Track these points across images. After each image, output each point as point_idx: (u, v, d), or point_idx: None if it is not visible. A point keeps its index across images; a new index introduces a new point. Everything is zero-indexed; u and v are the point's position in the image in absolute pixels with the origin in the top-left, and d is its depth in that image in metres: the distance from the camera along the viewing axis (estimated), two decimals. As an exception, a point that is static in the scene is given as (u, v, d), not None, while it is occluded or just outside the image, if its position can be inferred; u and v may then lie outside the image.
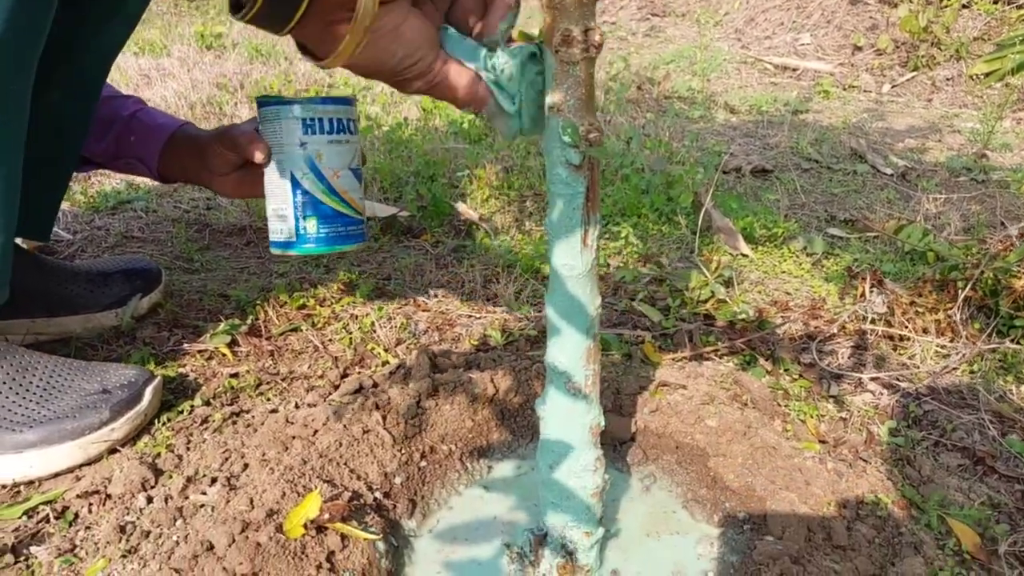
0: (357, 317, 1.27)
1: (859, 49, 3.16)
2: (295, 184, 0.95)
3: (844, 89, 2.90)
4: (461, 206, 1.72)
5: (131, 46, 3.06)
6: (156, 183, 1.82)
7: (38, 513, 0.85)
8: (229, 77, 2.55)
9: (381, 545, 0.81)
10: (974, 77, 2.86)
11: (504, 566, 0.84)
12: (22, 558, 0.79)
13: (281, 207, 0.97)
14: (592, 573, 0.82)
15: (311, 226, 0.96)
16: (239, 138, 1.01)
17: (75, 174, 1.42)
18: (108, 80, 1.11)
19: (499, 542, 0.86)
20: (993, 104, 2.65)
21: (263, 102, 0.95)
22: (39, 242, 1.31)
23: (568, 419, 0.77)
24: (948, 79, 2.92)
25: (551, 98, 0.66)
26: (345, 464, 0.89)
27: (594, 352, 0.75)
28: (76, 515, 0.87)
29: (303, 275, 1.41)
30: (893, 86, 2.94)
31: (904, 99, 2.85)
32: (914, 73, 2.97)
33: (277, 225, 0.98)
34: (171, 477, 0.89)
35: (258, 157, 0.95)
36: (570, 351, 0.74)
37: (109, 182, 1.83)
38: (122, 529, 0.81)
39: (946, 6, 2.98)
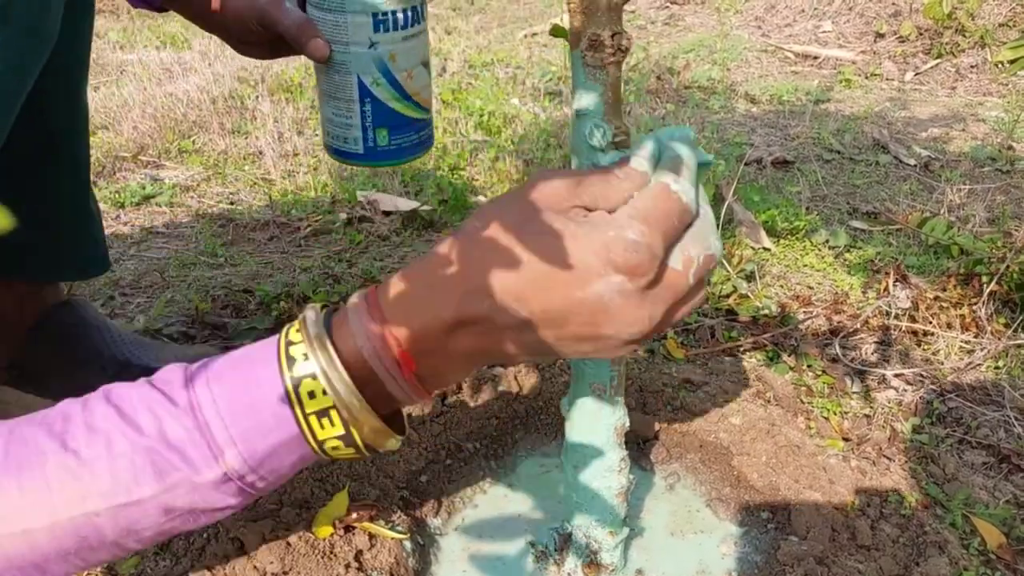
0: (380, 313, 1.28)
1: (881, 36, 3.12)
2: (363, 91, 0.81)
3: (866, 77, 2.87)
4: (482, 200, 1.73)
5: (153, 40, 3.08)
6: (179, 178, 1.84)
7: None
8: (250, 71, 2.56)
9: (408, 544, 0.82)
10: (999, 65, 2.82)
11: (529, 564, 0.85)
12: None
13: (344, 113, 0.83)
14: (616, 572, 0.82)
15: (382, 137, 0.84)
16: (290, 27, 0.81)
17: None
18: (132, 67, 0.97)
19: (524, 540, 0.87)
20: (1019, 92, 2.61)
21: None
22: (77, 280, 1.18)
23: (593, 420, 0.77)
24: (972, 67, 2.88)
25: (578, 102, 0.67)
26: (372, 462, 0.90)
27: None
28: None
29: (326, 270, 1.42)
30: (916, 74, 2.90)
31: (927, 87, 2.82)
32: (938, 61, 2.94)
33: (337, 131, 0.85)
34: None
35: (319, 55, 0.79)
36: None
37: (134, 177, 1.85)
38: (154, 527, 0.82)
39: (970, -8, 2.94)
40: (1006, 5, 2.99)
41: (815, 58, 3.07)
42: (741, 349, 1.22)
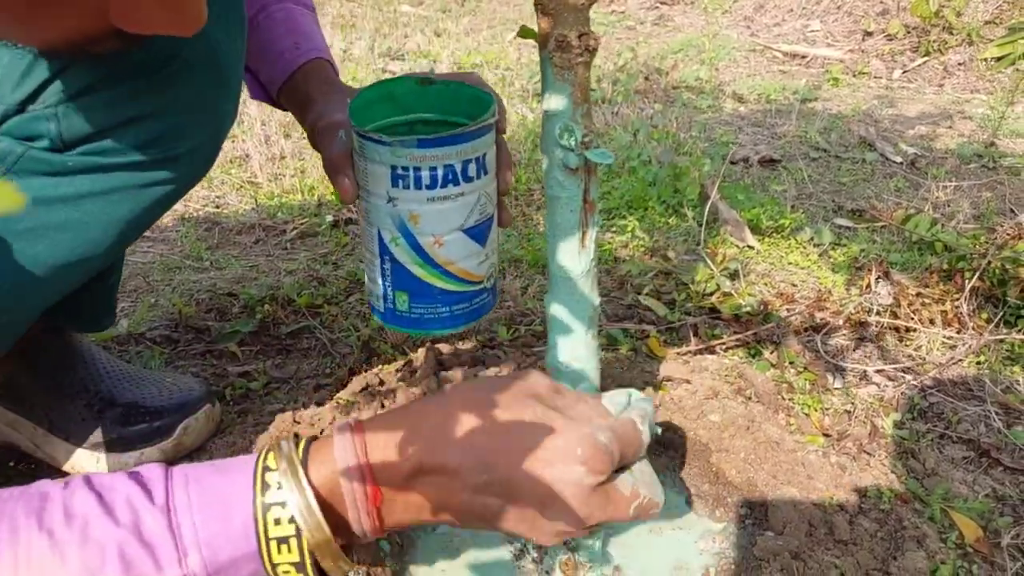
0: (365, 315, 1.28)
1: (869, 35, 3.13)
2: (383, 247, 0.73)
3: (854, 76, 2.88)
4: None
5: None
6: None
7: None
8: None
9: (386, 544, 0.82)
10: (986, 62, 2.83)
11: (508, 563, 0.85)
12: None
13: (369, 265, 0.76)
14: (595, 569, 0.83)
15: (401, 302, 0.75)
16: (325, 159, 0.79)
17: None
18: None
19: (503, 540, 0.87)
20: (1005, 89, 2.62)
21: (353, 111, 0.71)
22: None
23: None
24: (960, 64, 2.90)
25: (547, 103, 0.67)
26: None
27: (595, 350, 0.76)
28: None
29: (312, 273, 1.42)
30: (904, 72, 2.92)
31: (915, 85, 2.83)
32: (925, 58, 2.95)
33: (368, 284, 0.78)
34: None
35: (344, 197, 0.74)
36: (570, 351, 0.75)
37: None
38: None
39: (957, -11, 2.95)
40: (992, 3, 3.00)
41: (803, 57, 3.08)
42: (723, 347, 1.22)
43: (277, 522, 0.55)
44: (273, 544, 0.55)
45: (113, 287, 1.02)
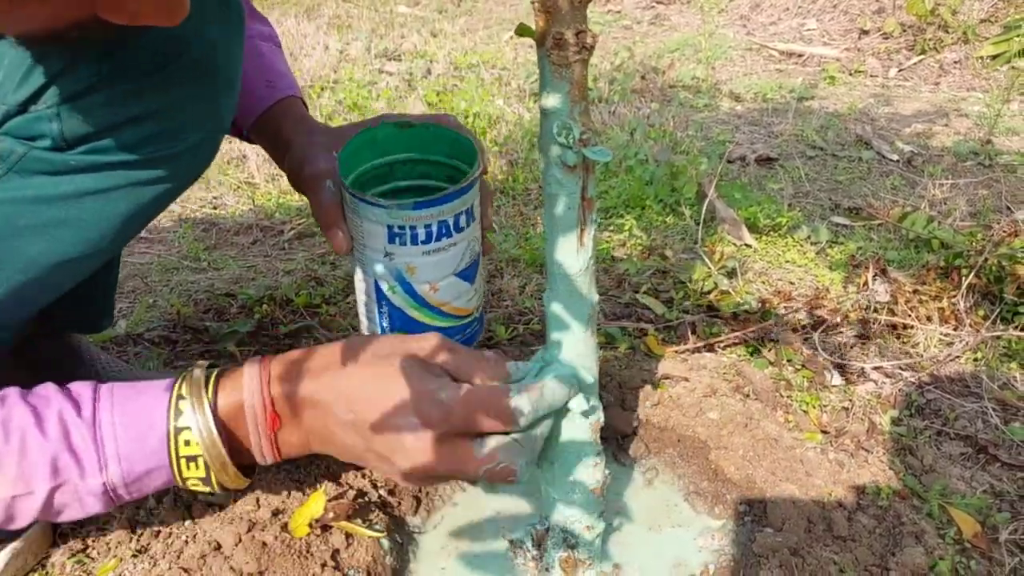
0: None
1: (865, 33, 3.13)
2: (379, 294, 0.79)
3: (850, 74, 2.88)
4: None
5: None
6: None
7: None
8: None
9: (386, 542, 0.82)
10: (981, 59, 2.84)
11: (507, 561, 0.85)
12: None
13: (366, 309, 0.81)
14: (594, 567, 0.83)
15: None
16: (316, 211, 0.83)
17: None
18: None
19: (503, 537, 0.87)
20: (1000, 87, 2.63)
21: (342, 165, 0.76)
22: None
23: (568, 415, 0.78)
24: (956, 62, 2.90)
25: (545, 101, 0.67)
26: (350, 462, 0.90)
27: (592, 348, 0.76)
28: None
29: (309, 273, 1.42)
30: (900, 70, 2.92)
31: (911, 83, 2.83)
32: (921, 57, 2.95)
33: (364, 321, 0.84)
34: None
35: (338, 249, 0.80)
36: (568, 349, 0.75)
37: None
38: (132, 529, 0.83)
39: (953, -12, 2.96)
40: (987, 1, 3.00)
41: (799, 56, 3.08)
42: (721, 344, 1.22)
43: (187, 443, 0.67)
44: (183, 462, 0.67)
45: (111, 288, 1.02)
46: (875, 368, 1.18)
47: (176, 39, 0.66)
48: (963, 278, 1.31)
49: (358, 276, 0.80)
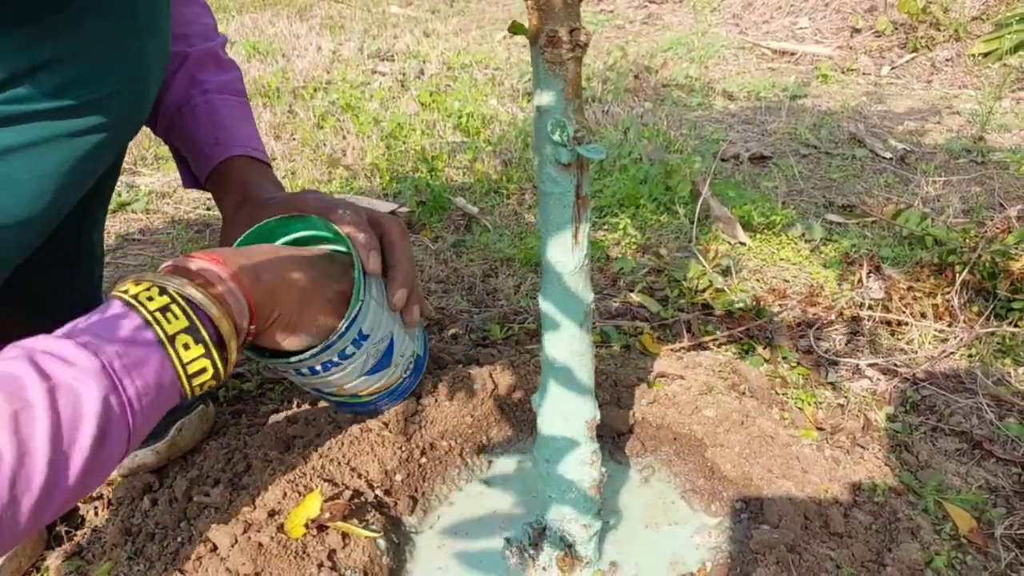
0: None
1: (857, 31, 3.14)
2: (313, 392, 0.88)
3: (843, 72, 2.89)
4: (460, 200, 1.73)
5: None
6: (155, 185, 1.83)
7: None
8: (227, 76, 2.56)
9: (382, 542, 0.82)
10: (973, 57, 2.85)
11: (505, 560, 0.85)
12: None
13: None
14: (591, 565, 0.83)
15: (347, 409, 0.96)
16: None
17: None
18: None
19: (499, 536, 0.87)
20: (992, 84, 2.64)
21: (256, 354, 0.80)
22: None
23: (564, 414, 0.78)
24: (948, 60, 2.91)
25: (540, 99, 0.67)
26: (347, 463, 0.90)
27: (588, 346, 0.76)
28: (82, 519, 0.89)
29: (303, 274, 1.42)
30: (892, 68, 2.92)
31: (903, 81, 2.84)
32: (913, 54, 2.96)
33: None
34: (175, 479, 0.91)
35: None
36: (564, 347, 0.75)
37: (109, 185, 1.84)
38: (128, 532, 0.82)
39: (944, -14, 2.97)
40: (979, -2, 3.01)
41: (792, 54, 3.08)
42: (716, 342, 1.22)
43: (149, 299, 0.61)
44: (159, 315, 0.60)
45: (98, 283, 1.01)
46: (870, 365, 1.19)
47: None
48: (957, 275, 1.32)
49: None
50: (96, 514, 0.89)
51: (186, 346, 0.61)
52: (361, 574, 0.77)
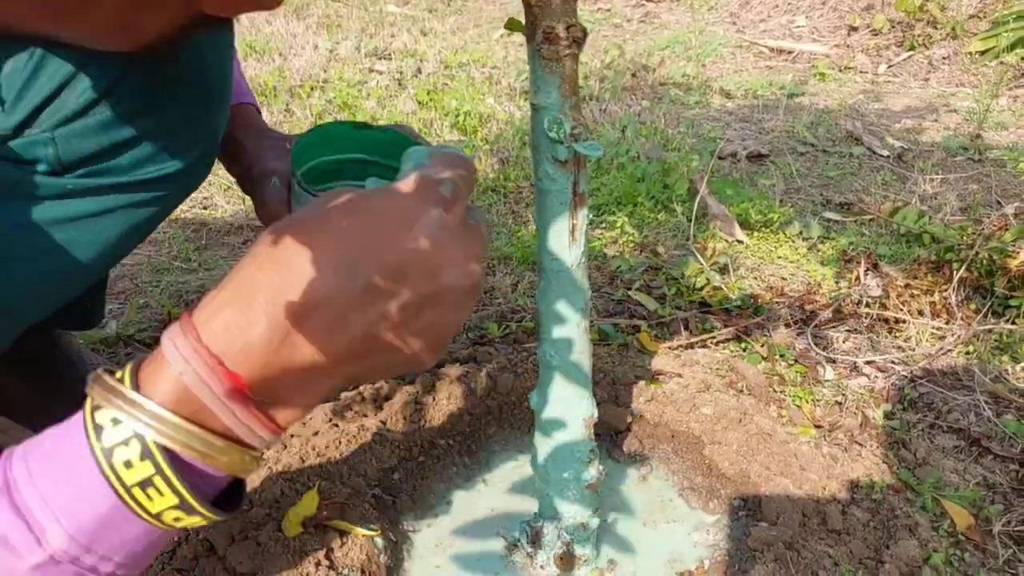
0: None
1: (855, 30, 3.14)
2: None
3: (840, 71, 2.89)
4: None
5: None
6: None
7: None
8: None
9: (380, 541, 0.82)
10: (970, 55, 2.85)
11: (503, 558, 0.85)
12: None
13: None
14: (589, 563, 0.83)
15: None
16: (262, 208, 0.78)
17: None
18: None
19: (497, 535, 0.87)
20: (989, 82, 2.64)
21: (295, 158, 0.73)
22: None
23: (561, 412, 0.78)
24: (944, 58, 2.91)
25: (536, 96, 0.67)
26: (344, 461, 0.90)
27: (586, 345, 0.76)
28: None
29: (300, 273, 1.41)
30: (889, 66, 2.93)
31: (900, 79, 2.84)
32: (910, 53, 2.96)
33: None
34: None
35: None
36: (561, 345, 0.75)
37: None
38: (125, 531, 0.82)
39: (941, -16, 2.97)
40: (976, -4, 3.02)
41: (789, 52, 3.08)
42: (714, 340, 1.22)
43: (128, 464, 0.43)
44: (137, 492, 0.44)
45: (102, 283, 1.01)
46: (867, 362, 1.19)
47: (165, 57, 0.65)
48: (954, 272, 1.32)
49: None
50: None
51: (177, 519, 0.46)
52: (359, 573, 0.77)
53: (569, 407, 0.77)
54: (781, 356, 1.18)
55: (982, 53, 2.83)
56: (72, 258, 0.70)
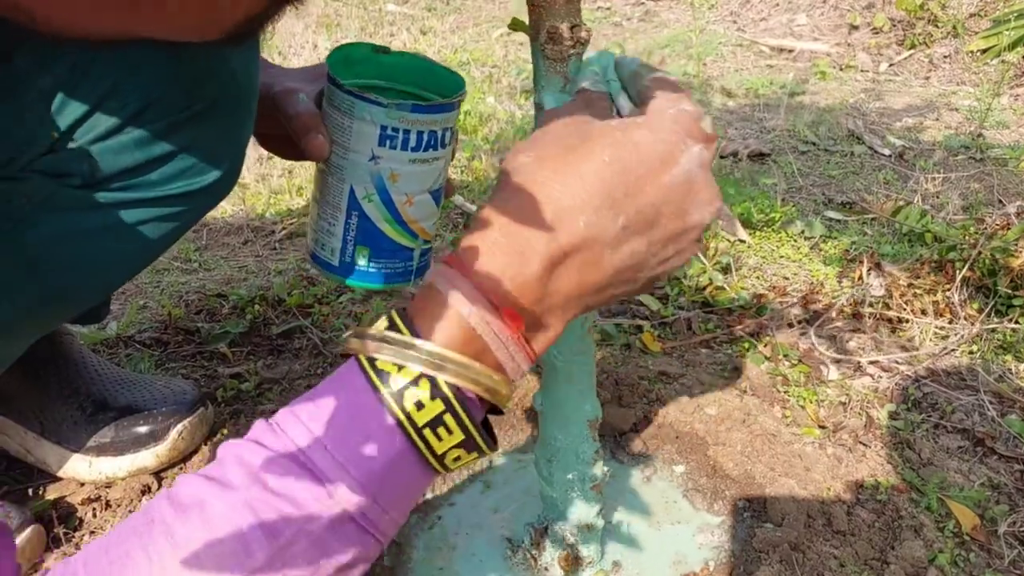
0: (355, 314, 1.28)
1: (855, 28, 3.14)
2: (352, 203, 0.73)
3: (841, 69, 2.88)
4: (458, 199, 1.73)
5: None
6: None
7: (42, 519, 0.86)
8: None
9: (383, 542, 0.81)
10: (971, 54, 2.84)
11: (506, 560, 0.84)
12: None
13: (329, 219, 0.75)
14: (593, 565, 0.82)
15: (361, 258, 0.75)
16: (295, 119, 0.75)
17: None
18: None
19: (501, 536, 0.87)
20: (990, 81, 2.63)
21: (335, 80, 0.71)
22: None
23: (565, 413, 0.77)
24: (945, 57, 2.90)
25: (540, 96, 0.66)
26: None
27: (589, 345, 0.75)
28: (81, 520, 0.88)
29: (301, 273, 1.41)
30: (890, 65, 2.92)
31: (901, 78, 2.83)
32: (911, 51, 2.96)
33: (320, 236, 0.77)
34: (173, 479, 0.90)
35: (317, 154, 0.72)
36: (564, 345, 0.74)
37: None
38: (126, 533, 0.82)
39: (942, -18, 2.97)
40: (977, -5, 3.01)
41: (790, 51, 3.08)
42: (717, 340, 1.22)
43: (419, 406, 0.45)
44: (428, 432, 0.45)
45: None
46: (871, 362, 1.18)
47: (201, 73, 0.65)
48: (957, 271, 1.31)
49: (329, 188, 0.75)
50: (95, 515, 0.89)
51: (457, 459, 0.48)
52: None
53: (573, 408, 0.77)
54: (784, 356, 1.18)
55: (983, 51, 2.82)
56: (98, 269, 0.72)
